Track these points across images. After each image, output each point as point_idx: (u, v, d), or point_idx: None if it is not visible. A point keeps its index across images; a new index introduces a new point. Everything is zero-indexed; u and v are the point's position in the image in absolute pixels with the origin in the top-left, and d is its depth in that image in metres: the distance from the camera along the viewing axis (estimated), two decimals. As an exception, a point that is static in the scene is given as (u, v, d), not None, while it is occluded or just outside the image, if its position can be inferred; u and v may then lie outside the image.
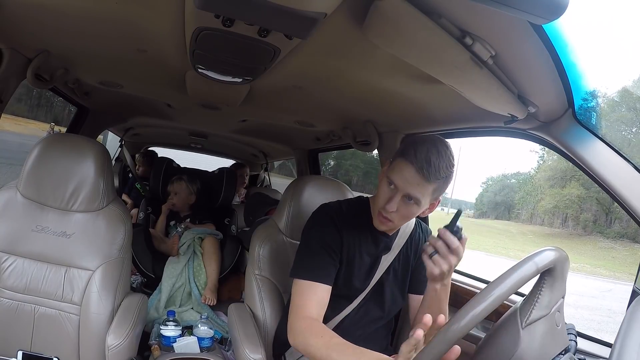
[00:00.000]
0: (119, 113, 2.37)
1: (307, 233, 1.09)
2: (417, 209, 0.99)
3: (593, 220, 17.72)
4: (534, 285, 0.69)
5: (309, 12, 0.69)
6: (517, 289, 0.63)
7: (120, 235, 1.29)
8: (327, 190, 1.34)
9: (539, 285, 0.68)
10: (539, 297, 0.68)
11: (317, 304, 1.00)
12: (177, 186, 2.25)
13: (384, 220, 1.02)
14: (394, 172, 0.98)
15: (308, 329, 0.95)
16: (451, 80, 0.89)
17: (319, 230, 1.07)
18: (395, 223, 1.03)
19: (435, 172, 0.93)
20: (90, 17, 0.97)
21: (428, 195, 0.97)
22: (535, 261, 0.64)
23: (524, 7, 0.55)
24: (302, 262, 1.05)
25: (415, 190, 0.95)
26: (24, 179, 1.25)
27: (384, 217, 1.01)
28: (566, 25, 0.67)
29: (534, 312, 0.67)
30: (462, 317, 0.60)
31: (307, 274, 1.02)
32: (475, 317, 0.60)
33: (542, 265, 0.64)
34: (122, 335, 1.15)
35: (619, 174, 0.89)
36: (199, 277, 2.05)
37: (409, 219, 1.05)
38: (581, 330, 1.02)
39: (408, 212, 1.00)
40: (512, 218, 23.36)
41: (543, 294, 0.68)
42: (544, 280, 0.68)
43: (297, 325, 0.97)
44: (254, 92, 1.39)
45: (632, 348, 0.57)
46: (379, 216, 1.03)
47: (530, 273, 0.63)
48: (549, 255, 0.65)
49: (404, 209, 0.99)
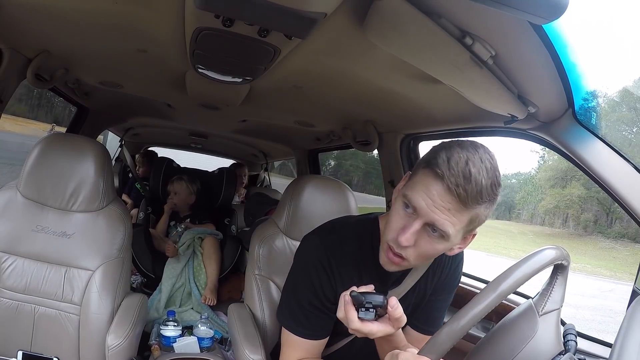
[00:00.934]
0: (119, 113, 2.37)
1: (295, 277, 0.90)
2: (443, 245, 0.72)
3: (594, 221, 17.69)
4: (547, 281, 0.72)
5: (309, 12, 0.69)
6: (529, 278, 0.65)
7: (120, 235, 1.29)
8: (327, 190, 1.34)
9: (553, 280, 0.71)
10: (552, 291, 0.70)
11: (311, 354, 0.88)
12: (177, 186, 2.25)
13: (395, 259, 0.75)
14: (414, 190, 0.70)
15: None
16: (451, 80, 0.89)
17: (309, 283, 0.85)
18: (410, 262, 0.75)
19: (476, 194, 0.66)
20: (90, 17, 0.97)
21: (462, 227, 0.70)
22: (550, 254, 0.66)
23: (524, 7, 0.55)
24: (292, 313, 0.88)
25: (445, 218, 0.68)
26: (24, 179, 1.25)
27: (394, 253, 0.74)
28: (566, 25, 0.67)
29: (548, 304, 0.70)
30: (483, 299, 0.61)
31: (300, 330, 0.87)
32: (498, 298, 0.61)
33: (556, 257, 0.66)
34: (122, 335, 1.15)
35: (619, 174, 0.89)
36: (199, 277, 2.05)
37: (430, 258, 0.79)
38: (582, 331, 1.02)
39: (430, 248, 0.72)
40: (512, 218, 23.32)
41: (555, 289, 0.70)
42: (557, 276, 0.70)
43: None
44: (254, 92, 1.39)
45: (632, 348, 0.57)
46: (388, 252, 0.76)
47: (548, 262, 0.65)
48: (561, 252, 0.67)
49: (424, 244, 0.72)
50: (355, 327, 0.71)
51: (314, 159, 2.62)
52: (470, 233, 0.75)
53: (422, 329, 0.92)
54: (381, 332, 0.71)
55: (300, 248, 0.92)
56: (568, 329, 0.72)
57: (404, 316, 0.72)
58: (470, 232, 0.75)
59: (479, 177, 0.66)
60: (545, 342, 0.68)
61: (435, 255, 0.78)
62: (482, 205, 0.69)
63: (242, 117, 2.00)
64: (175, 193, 2.25)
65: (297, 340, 0.87)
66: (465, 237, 0.75)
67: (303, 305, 0.87)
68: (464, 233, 0.73)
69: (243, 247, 2.25)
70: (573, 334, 0.71)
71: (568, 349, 0.68)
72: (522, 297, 1.25)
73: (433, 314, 0.93)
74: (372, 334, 0.71)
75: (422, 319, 0.93)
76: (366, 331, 0.71)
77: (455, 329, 0.61)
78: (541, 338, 0.67)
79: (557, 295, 0.70)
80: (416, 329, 0.93)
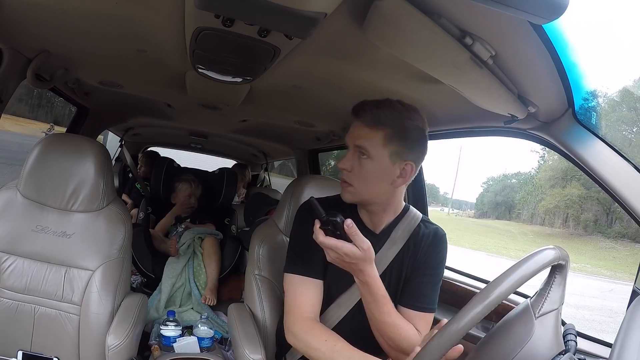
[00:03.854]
0: (119, 113, 2.37)
1: (294, 229, 1.07)
2: (371, 164, 0.92)
3: (594, 220, 17.71)
4: (545, 281, 0.71)
5: (309, 12, 0.69)
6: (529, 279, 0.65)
7: (120, 235, 1.29)
8: (327, 190, 1.34)
9: (550, 280, 0.70)
10: (550, 292, 0.70)
11: (312, 301, 0.98)
12: (194, 188, 2.31)
13: (343, 184, 0.97)
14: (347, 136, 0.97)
15: (309, 332, 0.93)
16: (451, 80, 0.89)
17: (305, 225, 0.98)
18: (355, 187, 0.95)
19: (376, 117, 0.90)
20: (90, 17, 0.97)
21: (379, 146, 0.91)
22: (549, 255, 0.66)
23: (524, 7, 0.55)
24: (291, 257, 1.03)
25: (363, 140, 0.91)
26: (24, 179, 1.25)
27: (343, 181, 0.97)
28: (566, 25, 0.67)
29: (546, 305, 0.69)
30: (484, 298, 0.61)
31: (297, 269, 1.00)
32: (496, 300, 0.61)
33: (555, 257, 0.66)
34: (122, 335, 1.15)
35: (619, 174, 0.89)
36: (199, 277, 2.05)
37: (367, 180, 0.95)
38: (582, 331, 1.02)
39: (362, 170, 0.93)
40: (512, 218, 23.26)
41: (553, 289, 0.70)
42: (555, 276, 0.70)
43: (296, 327, 0.95)
44: (254, 92, 1.39)
45: (632, 348, 0.57)
46: (341, 184, 0.98)
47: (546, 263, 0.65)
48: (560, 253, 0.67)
49: (357, 167, 0.93)
50: (320, 239, 0.85)
51: (314, 159, 2.62)
52: (402, 163, 0.92)
53: (412, 305, 1.00)
54: (345, 249, 0.84)
55: (301, 208, 1.07)
56: (568, 329, 0.72)
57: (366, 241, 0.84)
58: (400, 161, 0.92)
59: (378, 109, 0.91)
60: (543, 344, 0.67)
61: (370, 177, 0.94)
62: (389, 128, 0.90)
63: (242, 117, 2.01)
64: (191, 195, 2.30)
65: (296, 281, 0.99)
66: (400, 167, 0.93)
67: (299, 244, 1.01)
68: (389, 157, 0.91)
69: (243, 247, 2.24)
70: (573, 334, 0.71)
71: (568, 349, 0.67)
72: (522, 297, 1.25)
73: (419, 290, 1.01)
74: (337, 248, 0.84)
75: (409, 295, 1.01)
76: (330, 244, 0.84)
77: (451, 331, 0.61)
78: (539, 340, 0.67)
79: (555, 296, 0.70)
80: (407, 306, 1.01)
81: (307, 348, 0.92)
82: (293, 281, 1.00)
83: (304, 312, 0.97)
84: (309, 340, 0.92)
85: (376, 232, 1.02)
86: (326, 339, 0.89)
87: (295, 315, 0.97)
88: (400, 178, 0.94)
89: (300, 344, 0.95)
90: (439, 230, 1.06)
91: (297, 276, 1.00)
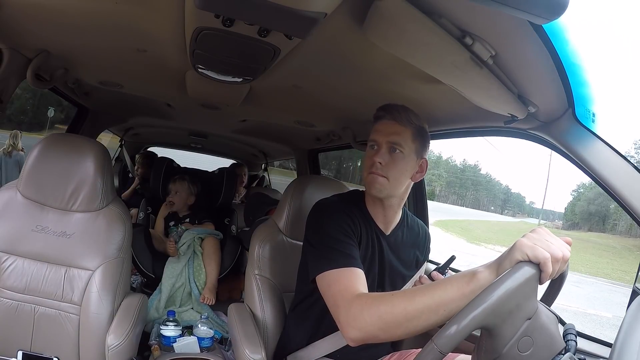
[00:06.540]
0: (119, 113, 2.37)
1: (319, 226, 0.99)
2: (403, 158, 0.99)
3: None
4: None
5: (309, 12, 0.69)
6: None
7: (120, 235, 1.29)
8: (327, 189, 1.34)
9: None
10: None
11: (359, 282, 0.86)
12: (178, 185, 2.25)
13: (375, 176, 0.99)
14: (373, 134, 1.02)
15: (368, 304, 0.76)
16: (451, 80, 0.89)
17: (330, 219, 0.97)
18: (390, 180, 0.99)
19: (406, 117, 0.99)
20: (90, 17, 0.97)
21: (409, 142, 0.99)
22: None
23: (524, 7, 0.55)
24: (324, 254, 0.92)
25: (397, 136, 0.98)
26: (24, 179, 1.25)
27: (375, 173, 0.99)
28: (566, 25, 0.67)
29: None
30: None
31: (335, 264, 0.89)
32: None
33: None
34: (122, 335, 1.15)
35: (619, 174, 0.89)
36: (199, 277, 2.05)
37: (399, 174, 1.00)
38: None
39: (396, 164, 0.99)
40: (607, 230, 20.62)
41: None
42: None
43: (351, 311, 0.78)
44: (254, 91, 1.39)
45: (632, 348, 0.57)
46: (369, 177, 1.00)
47: None
48: None
49: (391, 162, 0.99)
50: None
51: (314, 159, 2.62)
52: (422, 160, 1.03)
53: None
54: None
55: (321, 206, 1.04)
56: (568, 329, 0.72)
57: None
58: (421, 158, 1.02)
59: (403, 110, 1.00)
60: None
61: (402, 173, 1.00)
62: (415, 127, 1.00)
63: (242, 117, 2.01)
64: (177, 192, 2.24)
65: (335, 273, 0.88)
66: (419, 163, 1.02)
67: (332, 238, 0.94)
68: (415, 153, 1.00)
69: (243, 247, 2.24)
70: (573, 333, 0.70)
71: (568, 349, 0.67)
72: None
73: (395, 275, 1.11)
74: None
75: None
76: None
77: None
78: None
79: None
80: None
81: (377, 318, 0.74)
82: (332, 277, 0.88)
83: (351, 291, 0.83)
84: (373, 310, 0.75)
85: (386, 234, 1.08)
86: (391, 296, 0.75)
87: (344, 300, 0.81)
88: (419, 173, 1.04)
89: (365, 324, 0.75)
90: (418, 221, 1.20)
91: (335, 270, 0.88)
